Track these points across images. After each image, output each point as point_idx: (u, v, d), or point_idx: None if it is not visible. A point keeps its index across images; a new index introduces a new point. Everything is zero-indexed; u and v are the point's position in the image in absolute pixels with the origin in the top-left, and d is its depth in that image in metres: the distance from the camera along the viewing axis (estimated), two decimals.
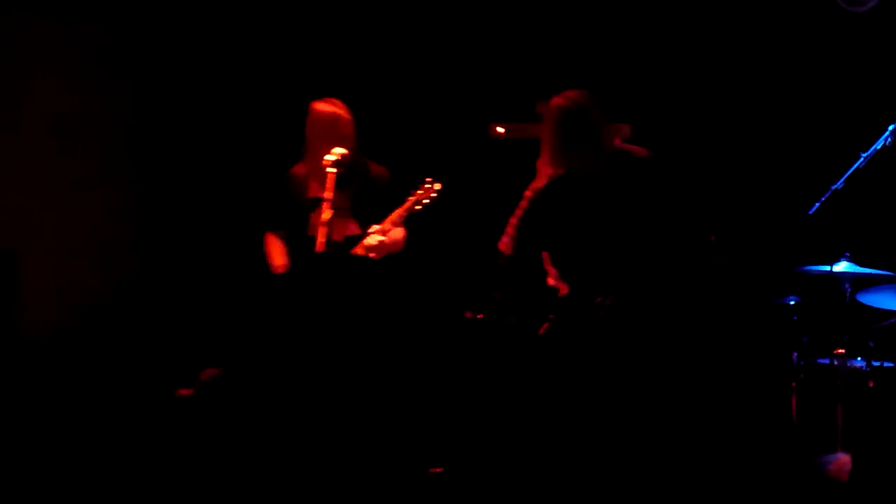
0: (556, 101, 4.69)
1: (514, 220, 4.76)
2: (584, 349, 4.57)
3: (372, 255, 5.24)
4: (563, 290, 4.69)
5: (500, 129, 6.77)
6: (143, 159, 6.86)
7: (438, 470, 5.42)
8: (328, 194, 5.17)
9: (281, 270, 5.42)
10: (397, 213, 5.30)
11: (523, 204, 4.76)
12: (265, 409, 5.22)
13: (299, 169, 5.56)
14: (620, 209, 4.58)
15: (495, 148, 6.90)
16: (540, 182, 4.72)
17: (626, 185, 4.58)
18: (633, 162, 4.62)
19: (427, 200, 5.33)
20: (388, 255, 5.43)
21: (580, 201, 4.58)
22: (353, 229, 5.45)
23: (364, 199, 5.43)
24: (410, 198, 5.32)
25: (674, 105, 6.79)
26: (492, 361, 5.77)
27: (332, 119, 5.39)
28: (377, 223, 5.33)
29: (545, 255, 4.80)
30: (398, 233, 5.40)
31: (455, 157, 6.87)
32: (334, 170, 5.20)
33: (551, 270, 4.73)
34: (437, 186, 5.33)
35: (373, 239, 5.23)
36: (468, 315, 5.92)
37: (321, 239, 5.11)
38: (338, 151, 5.24)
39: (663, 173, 4.63)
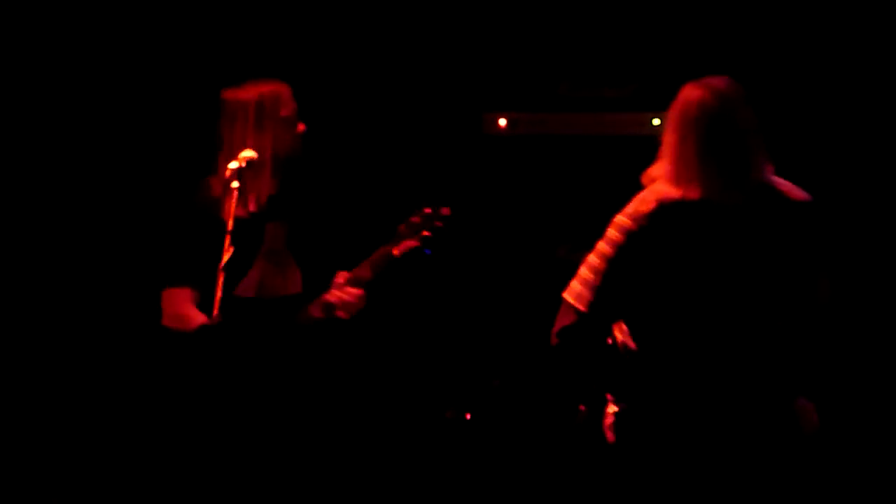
0: (694, 91, 4.00)
1: (594, 260, 4.05)
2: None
3: (340, 314, 4.46)
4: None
5: (502, 122, 6.15)
6: None
7: None
8: (230, 223, 4.29)
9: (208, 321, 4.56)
10: (383, 255, 4.50)
11: (614, 236, 4.04)
12: None
13: (214, 188, 4.68)
14: (757, 267, 4.00)
15: (494, 149, 6.25)
16: (645, 206, 4.02)
17: (772, 234, 4.01)
18: (783, 205, 4.04)
19: (429, 234, 4.55)
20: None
21: (705, 246, 4.02)
22: (293, 280, 4.58)
23: (311, 232, 4.58)
24: (408, 236, 4.52)
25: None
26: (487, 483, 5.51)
27: (273, 99, 4.52)
28: (340, 267, 4.51)
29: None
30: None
31: (435, 162, 6.20)
32: (237, 184, 4.34)
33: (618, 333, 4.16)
34: (445, 212, 4.57)
35: (346, 291, 4.44)
36: (449, 415, 5.68)
37: (218, 295, 4.23)
38: (245, 155, 4.36)
39: (825, 229, 4.07)
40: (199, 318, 4.50)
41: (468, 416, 5.67)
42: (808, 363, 4.10)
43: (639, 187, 4.22)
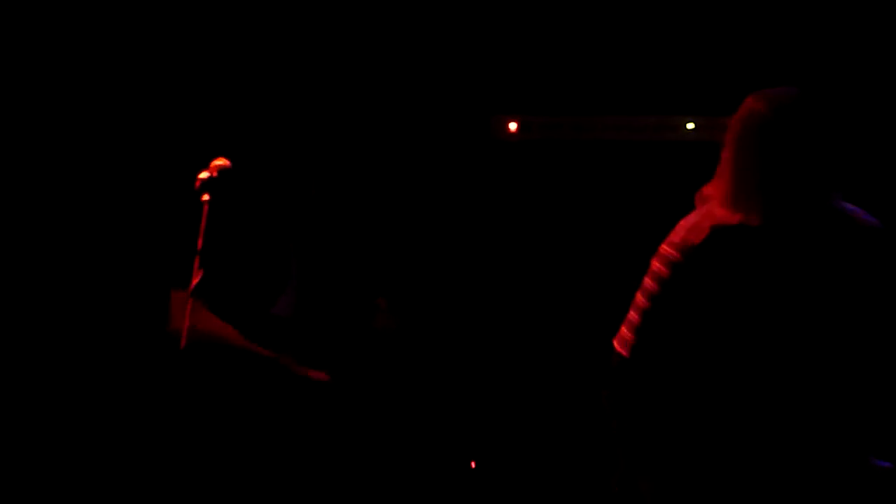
0: (756, 104, 3.77)
1: (640, 299, 3.80)
2: None
3: (382, 339, 4.83)
4: None
5: (513, 126, 5.99)
6: None
7: None
8: (200, 242, 4.28)
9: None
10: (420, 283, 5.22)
11: (659, 270, 3.77)
12: None
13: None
14: (825, 305, 3.74)
15: (504, 156, 6.06)
16: (695, 235, 3.77)
17: (841, 266, 3.79)
18: (852, 234, 3.83)
19: None
20: None
21: (766, 279, 3.75)
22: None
23: (318, 248, 4.66)
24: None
25: None
26: None
27: None
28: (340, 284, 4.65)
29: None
30: None
31: (440, 170, 6.02)
32: (208, 196, 4.30)
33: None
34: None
35: (391, 319, 4.68)
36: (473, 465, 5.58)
37: (186, 323, 4.20)
38: (216, 164, 4.33)
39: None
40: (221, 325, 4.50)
41: (472, 465, 5.50)
42: (886, 416, 3.75)
43: (669, 199, 4.06)
